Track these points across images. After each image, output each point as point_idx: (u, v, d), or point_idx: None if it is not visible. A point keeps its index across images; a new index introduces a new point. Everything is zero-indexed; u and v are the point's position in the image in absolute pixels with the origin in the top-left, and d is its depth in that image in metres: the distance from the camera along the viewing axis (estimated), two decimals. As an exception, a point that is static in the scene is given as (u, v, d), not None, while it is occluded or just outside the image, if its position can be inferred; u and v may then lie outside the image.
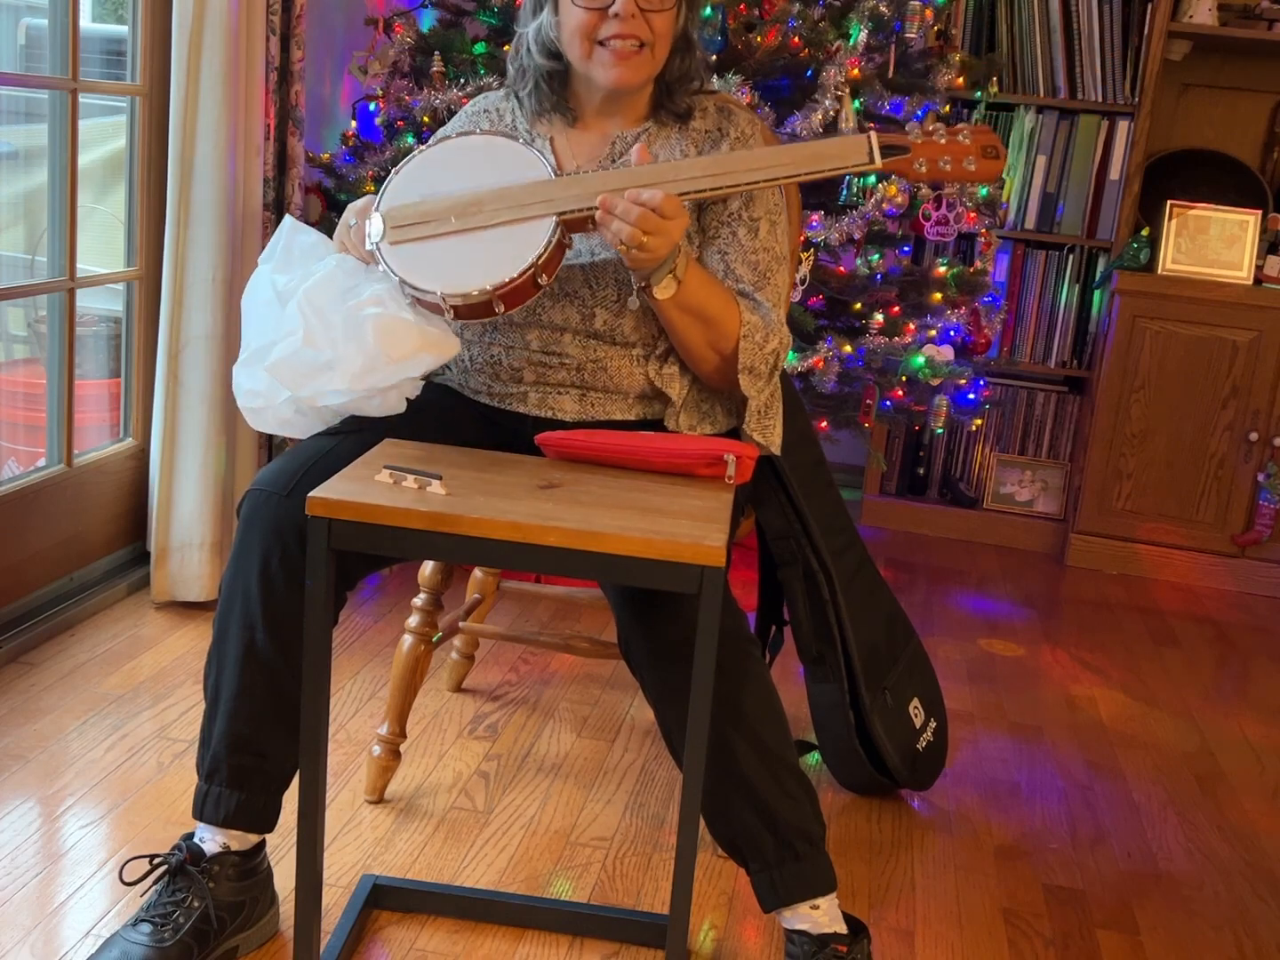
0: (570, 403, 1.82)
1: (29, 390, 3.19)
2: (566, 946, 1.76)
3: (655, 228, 1.58)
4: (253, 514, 1.64)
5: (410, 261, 1.69)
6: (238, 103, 2.55)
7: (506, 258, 1.65)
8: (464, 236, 1.69)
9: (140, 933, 1.59)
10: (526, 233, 1.66)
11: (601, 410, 1.82)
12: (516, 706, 2.44)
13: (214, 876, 1.64)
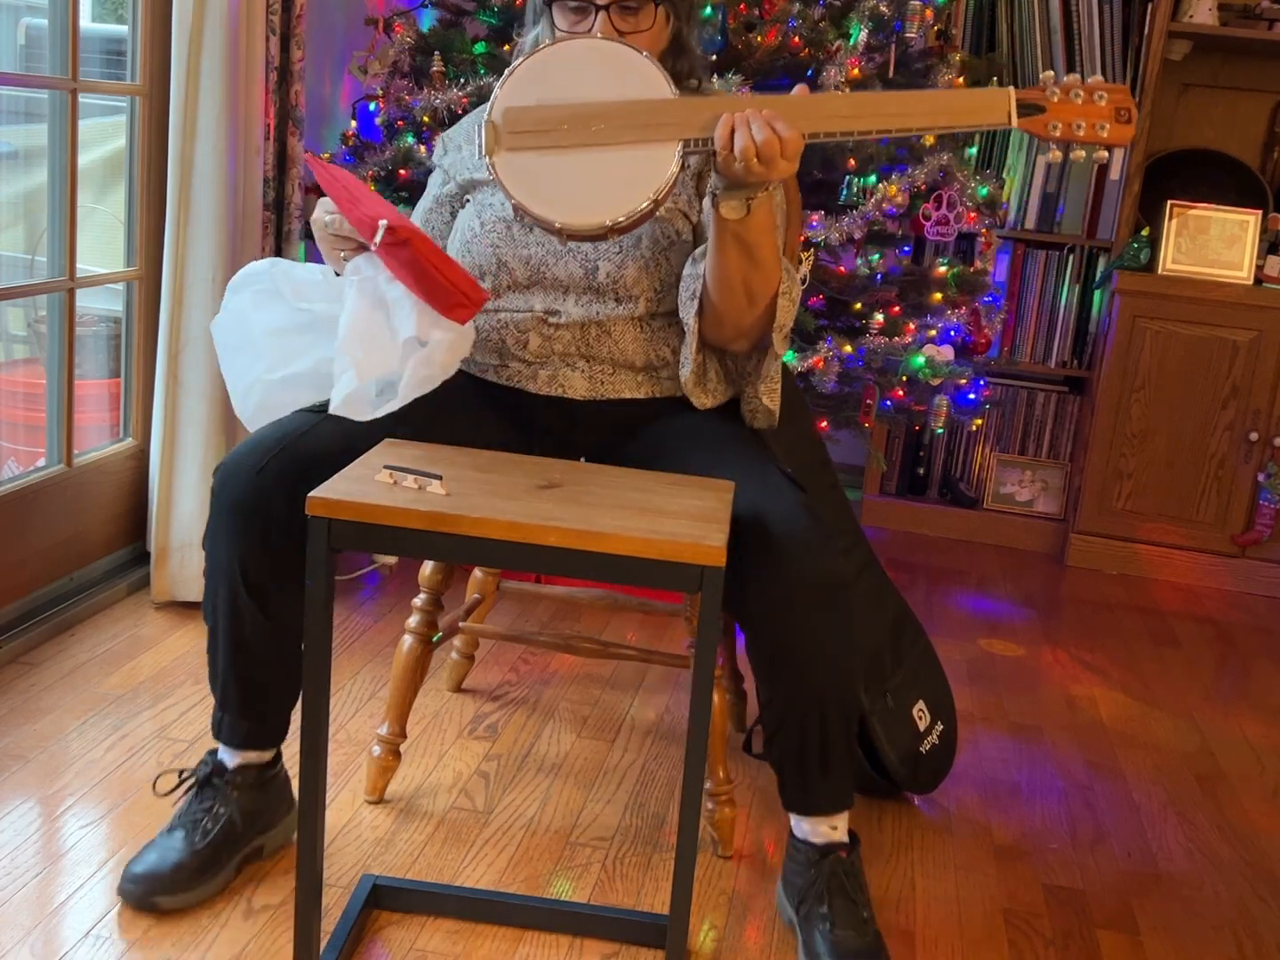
0: (579, 380, 1.85)
1: (29, 390, 3.20)
2: (566, 946, 1.76)
3: (769, 158, 1.56)
4: (221, 489, 1.73)
5: (525, 179, 1.61)
6: (238, 103, 2.55)
7: (629, 184, 1.59)
8: (583, 153, 1.60)
9: (175, 838, 1.79)
10: (650, 157, 1.59)
11: (611, 388, 1.86)
12: (516, 706, 2.44)
13: (237, 786, 1.83)
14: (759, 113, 1.57)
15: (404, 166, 2.90)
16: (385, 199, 1.74)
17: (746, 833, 2.07)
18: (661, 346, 1.88)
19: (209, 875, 1.77)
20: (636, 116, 1.60)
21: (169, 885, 1.73)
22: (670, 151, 1.59)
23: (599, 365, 1.85)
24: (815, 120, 1.60)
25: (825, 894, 1.76)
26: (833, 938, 1.73)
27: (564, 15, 1.79)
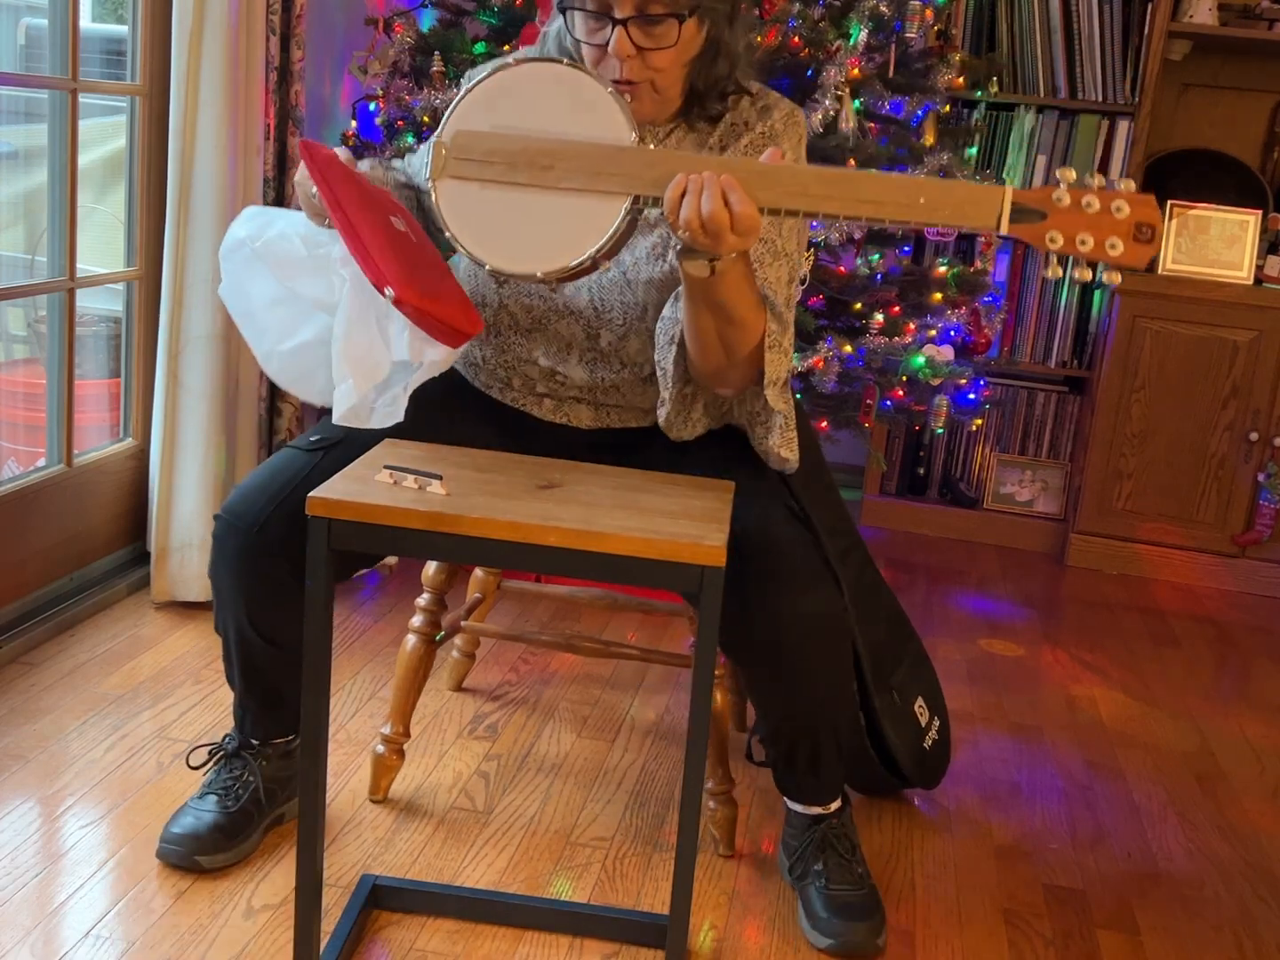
0: (586, 413, 1.85)
1: (29, 390, 3.20)
2: (566, 946, 1.76)
3: (715, 232, 1.45)
4: (222, 545, 1.77)
5: (464, 211, 1.53)
6: (238, 103, 2.55)
7: (569, 236, 1.50)
8: (528, 193, 1.51)
9: (208, 803, 1.88)
10: (596, 209, 1.50)
11: (618, 419, 1.86)
12: (516, 706, 2.44)
13: (264, 757, 1.93)
14: (716, 178, 1.45)
15: (404, 166, 2.90)
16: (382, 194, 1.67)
17: (747, 832, 2.07)
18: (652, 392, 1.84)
19: (242, 837, 1.87)
20: (590, 161, 1.50)
21: (209, 845, 1.83)
22: (617, 207, 1.49)
23: (611, 409, 1.85)
24: (779, 195, 1.48)
25: (819, 852, 1.88)
26: (828, 893, 1.84)
27: (582, 23, 1.67)
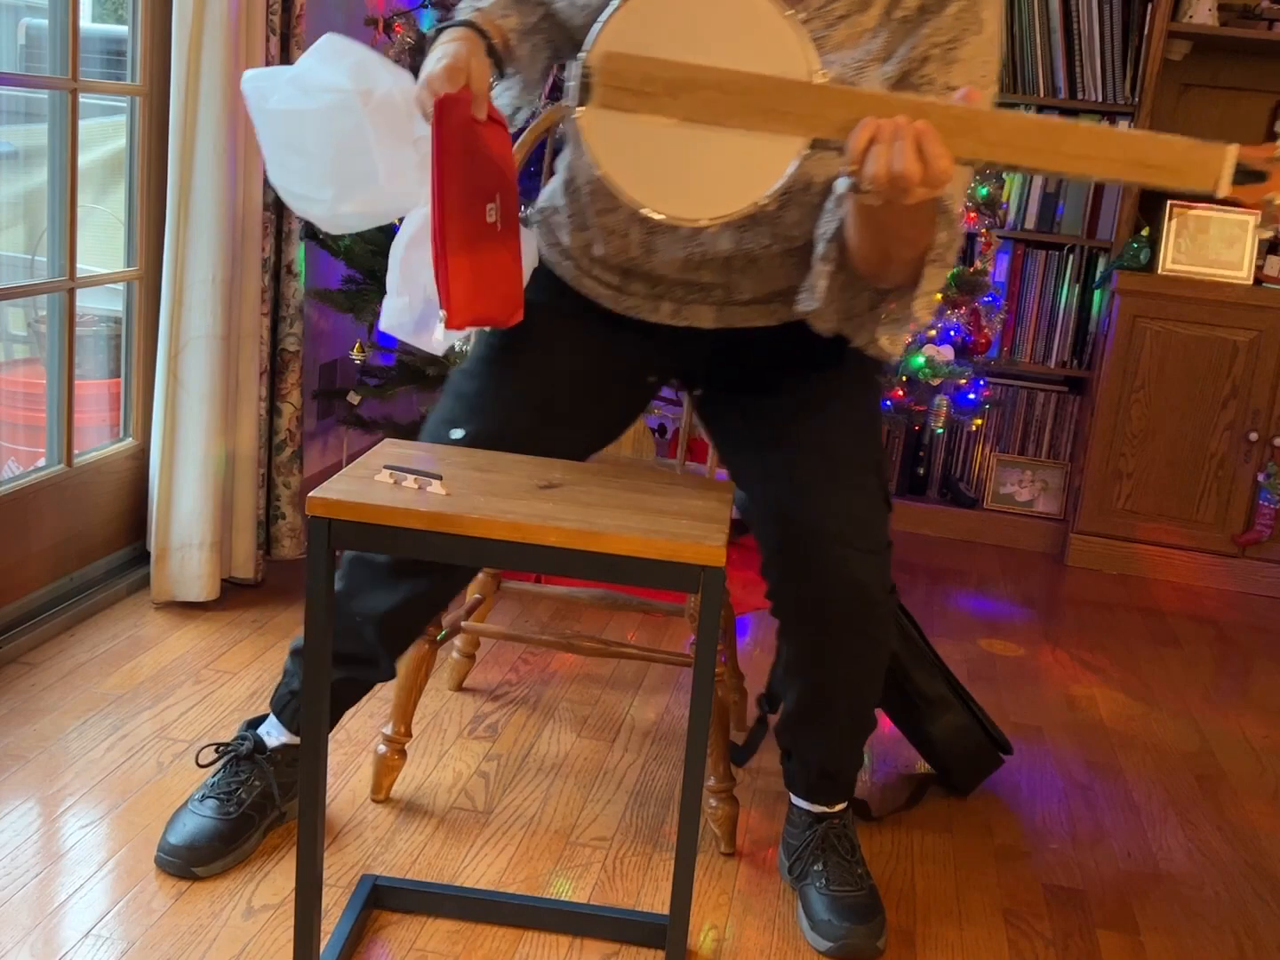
0: (708, 313, 1.72)
1: (29, 390, 3.20)
2: (566, 946, 1.76)
3: (906, 189, 1.31)
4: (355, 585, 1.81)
5: (617, 145, 1.37)
6: (238, 103, 2.54)
7: (733, 179, 1.35)
8: (687, 128, 1.35)
9: (208, 807, 1.86)
10: (765, 152, 1.34)
11: (741, 318, 1.73)
12: (516, 706, 2.44)
13: (275, 762, 1.90)
14: (911, 127, 1.29)
15: (404, 166, 2.90)
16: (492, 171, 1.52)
17: (747, 831, 2.07)
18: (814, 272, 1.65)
19: (240, 842, 1.85)
20: (763, 97, 1.33)
21: (206, 855, 1.82)
22: (791, 150, 1.33)
23: (735, 309, 1.70)
24: (978, 144, 1.31)
25: (819, 852, 1.87)
26: (828, 893, 1.83)
27: None
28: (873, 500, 1.73)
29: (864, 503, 1.71)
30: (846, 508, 1.69)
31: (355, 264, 3.01)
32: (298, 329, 2.84)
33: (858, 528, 1.68)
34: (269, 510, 2.88)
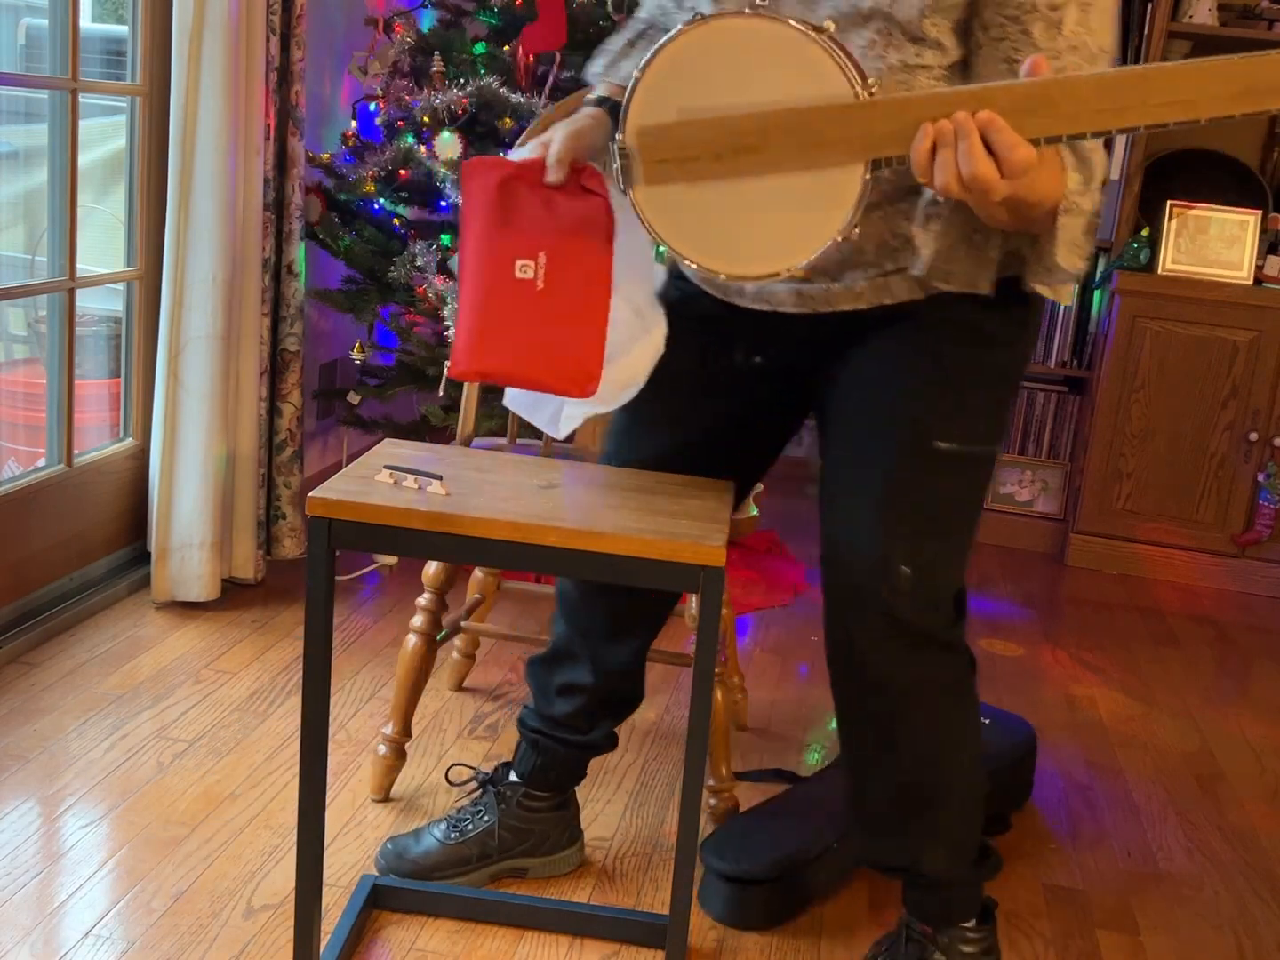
0: (788, 296, 1.57)
1: (29, 390, 3.20)
2: (566, 946, 1.76)
3: (984, 191, 1.21)
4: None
5: (674, 216, 1.33)
6: (238, 103, 2.55)
7: (802, 222, 1.27)
8: (742, 182, 1.28)
9: (437, 829, 1.87)
10: (827, 185, 1.25)
11: (824, 301, 1.54)
12: (516, 706, 2.44)
13: (505, 800, 1.88)
14: (972, 121, 1.18)
15: (404, 166, 2.91)
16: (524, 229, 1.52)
17: (746, 833, 2.07)
18: (899, 221, 1.48)
19: (452, 873, 1.84)
20: (806, 129, 1.24)
21: (408, 868, 1.84)
22: (854, 177, 1.24)
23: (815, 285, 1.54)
24: (1056, 119, 1.18)
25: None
26: None
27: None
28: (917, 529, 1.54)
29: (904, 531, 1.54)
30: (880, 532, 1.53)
31: (355, 264, 3.01)
32: (298, 329, 2.84)
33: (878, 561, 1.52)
34: (269, 510, 2.88)
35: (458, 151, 2.76)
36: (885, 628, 1.53)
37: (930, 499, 1.54)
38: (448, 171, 2.79)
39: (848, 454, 1.58)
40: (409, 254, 2.85)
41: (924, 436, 1.52)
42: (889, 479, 1.53)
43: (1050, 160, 1.27)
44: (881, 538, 1.51)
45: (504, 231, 1.50)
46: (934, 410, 1.52)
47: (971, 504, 1.60)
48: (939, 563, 1.55)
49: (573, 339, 1.50)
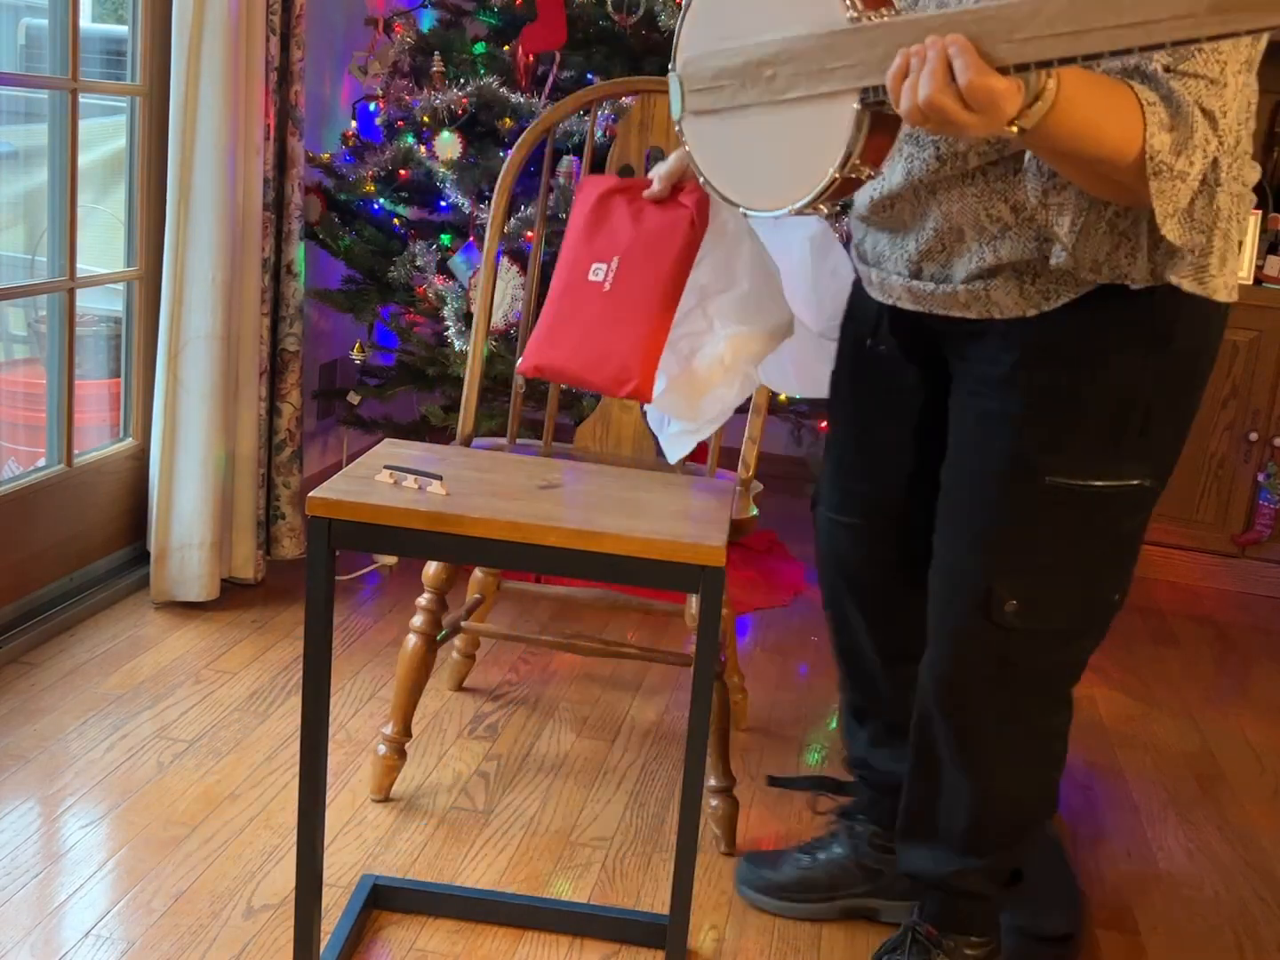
0: (903, 290, 1.51)
1: (29, 390, 3.20)
2: (566, 946, 1.76)
3: (944, 120, 1.12)
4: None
5: (709, 147, 1.35)
6: (238, 103, 2.55)
7: (805, 156, 1.24)
8: (760, 113, 1.27)
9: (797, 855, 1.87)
10: (826, 116, 1.21)
11: (939, 303, 1.47)
12: (516, 706, 2.44)
13: (855, 836, 1.84)
14: (939, 45, 1.09)
15: (404, 166, 2.91)
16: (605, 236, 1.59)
17: (747, 831, 2.07)
18: (996, 202, 1.38)
19: (801, 899, 1.83)
20: (810, 58, 1.20)
21: (758, 884, 1.85)
22: (846, 108, 1.19)
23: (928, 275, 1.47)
24: (1024, 44, 1.07)
25: None
26: None
27: None
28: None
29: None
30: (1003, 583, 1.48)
31: (355, 264, 3.01)
32: (298, 329, 2.84)
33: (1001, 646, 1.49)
34: (269, 510, 2.88)
35: (457, 151, 2.76)
36: (988, 661, 1.51)
37: (1039, 535, 1.46)
38: (448, 171, 2.79)
39: (959, 479, 1.52)
40: (409, 254, 2.85)
41: (1033, 472, 1.44)
42: (994, 512, 1.47)
43: (1096, 107, 1.17)
44: (989, 570, 1.47)
45: (591, 237, 1.57)
46: (1042, 443, 1.43)
47: (1095, 542, 1.48)
48: (1049, 601, 1.49)
49: (622, 340, 1.53)
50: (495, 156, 2.77)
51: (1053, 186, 1.32)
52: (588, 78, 2.84)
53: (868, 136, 1.19)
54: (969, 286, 1.43)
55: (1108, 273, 1.36)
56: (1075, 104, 1.14)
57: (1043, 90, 1.12)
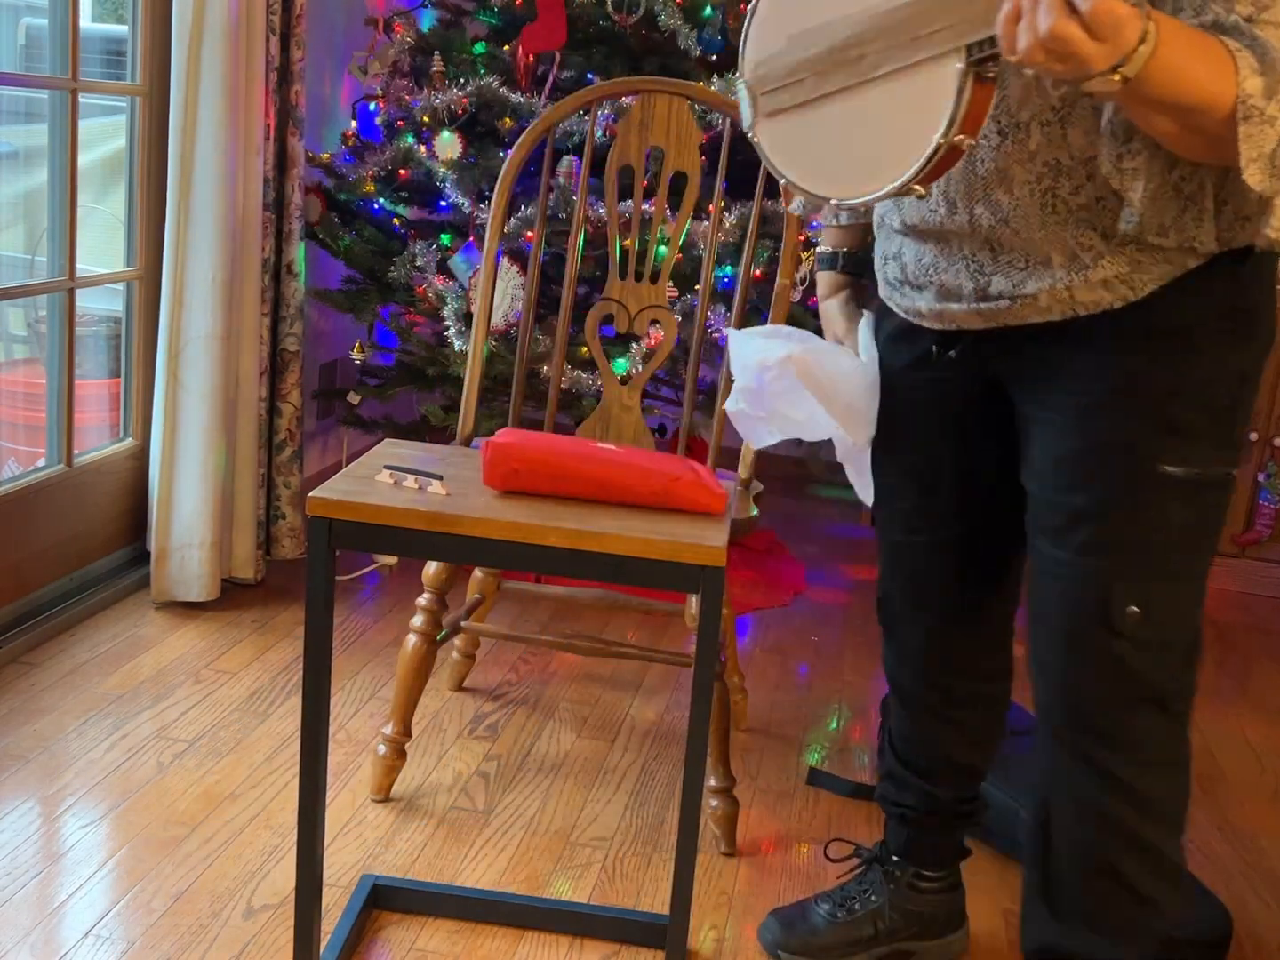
0: (967, 312, 1.44)
1: (29, 390, 3.20)
2: (566, 946, 1.76)
3: (1071, 54, 1.06)
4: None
5: (790, 148, 1.30)
6: (238, 103, 2.55)
7: (906, 131, 1.19)
8: (845, 99, 1.24)
9: (823, 905, 1.79)
10: (927, 83, 1.16)
11: (1009, 313, 1.41)
12: (516, 706, 2.44)
13: (894, 880, 1.76)
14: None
15: (404, 166, 2.91)
16: None
17: (747, 831, 2.07)
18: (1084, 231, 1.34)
19: (837, 953, 1.76)
20: (901, 29, 1.16)
21: (795, 945, 1.76)
22: (948, 69, 1.13)
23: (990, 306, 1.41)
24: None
25: None
26: None
27: None
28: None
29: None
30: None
31: (355, 264, 3.01)
32: (298, 329, 2.84)
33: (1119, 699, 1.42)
34: (269, 510, 2.89)
35: (457, 151, 2.76)
36: (1111, 677, 1.42)
37: (1157, 532, 1.38)
38: (448, 171, 2.79)
39: (1060, 485, 1.42)
40: (409, 254, 2.85)
41: (1146, 461, 1.36)
42: (1108, 511, 1.39)
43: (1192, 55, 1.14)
44: (1105, 576, 1.38)
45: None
46: (1154, 431, 1.37)
47: (1205, 537, 1.42)
48: (1169, 605, 1.41)
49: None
50: (495, 156, 2.77)
51: (1127, 152, 1.28)
52: (588, 78, 2.84)
53: (970, 99, 1.14)
54: (1051, 289, 1.37)
55: (1174, 237, 1.32)
56: (1172, 49, 1.11)
57: (1146, 33, 1.08)
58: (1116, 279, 1.35)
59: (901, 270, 1.50)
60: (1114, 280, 1.35)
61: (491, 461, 1.49)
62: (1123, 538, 1.39)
